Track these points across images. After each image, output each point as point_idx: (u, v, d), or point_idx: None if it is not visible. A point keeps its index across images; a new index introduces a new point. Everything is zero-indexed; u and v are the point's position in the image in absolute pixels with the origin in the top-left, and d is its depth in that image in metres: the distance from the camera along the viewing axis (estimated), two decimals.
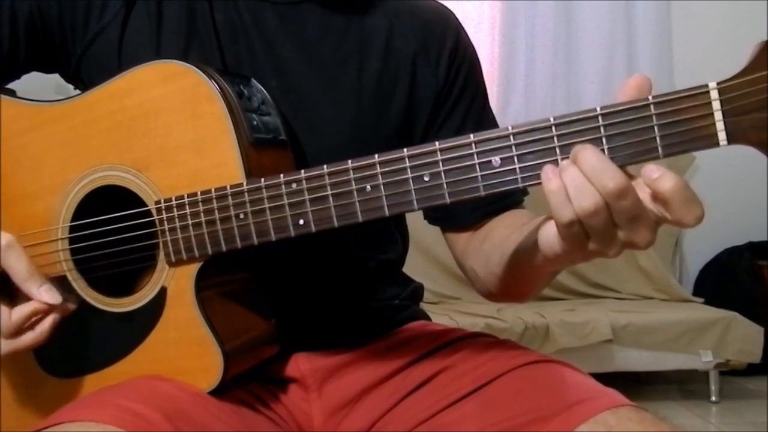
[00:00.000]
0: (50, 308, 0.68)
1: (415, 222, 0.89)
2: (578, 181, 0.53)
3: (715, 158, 3.14)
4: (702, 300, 2.88)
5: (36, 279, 0.68)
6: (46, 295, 0.67)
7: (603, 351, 2.53)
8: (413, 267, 0.95)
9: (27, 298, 0.68)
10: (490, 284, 0.78)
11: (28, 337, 0.68)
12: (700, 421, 2.44)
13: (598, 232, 0.54)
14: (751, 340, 2.54)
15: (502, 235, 0.76)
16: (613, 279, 3.00)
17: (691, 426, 2.35)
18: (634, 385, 2.72)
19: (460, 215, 0.83)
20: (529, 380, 0.70)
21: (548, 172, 0.55)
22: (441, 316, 2.48)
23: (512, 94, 3.17)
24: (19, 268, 0.67)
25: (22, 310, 0.67)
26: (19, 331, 0.67)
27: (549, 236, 0.58)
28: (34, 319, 0.68)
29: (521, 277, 0.72)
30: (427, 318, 0.91)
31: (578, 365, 0.73)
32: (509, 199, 0.82)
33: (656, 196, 0.53)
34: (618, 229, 0.54)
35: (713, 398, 2.61)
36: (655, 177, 0.52)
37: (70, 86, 0.84)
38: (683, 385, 2.85)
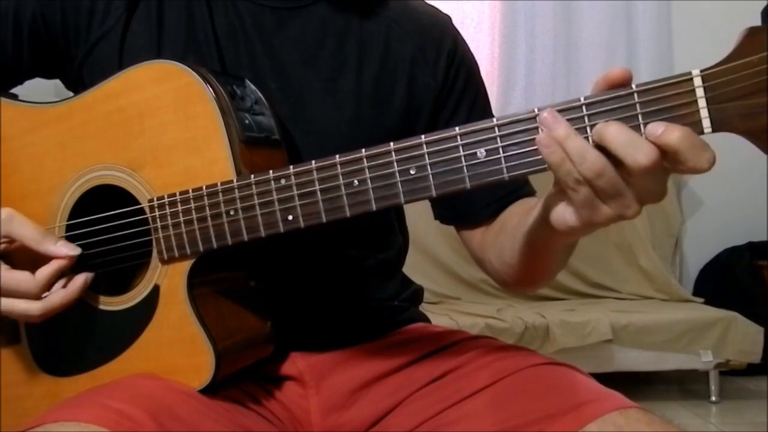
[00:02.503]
0: (70, 261, 0.69)
1: (415, 222, 0.90)
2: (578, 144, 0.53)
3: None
4: (702, 300, 2.88)
5: (49, 237, 0.70)
6: (64, 248, 0.69)
7: (603, 351, 2.52)
8: (413, 267, 0.95)
9: (31, 268, 0.69)
10: (504, 273, 0.78)
11: (60, 294, 0.69)
12: (700, 421, 2.43)
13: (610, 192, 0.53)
14: (751, 340, 2.54)
15: (513, 222, 0.76)
16: (613, 279, 2.99)
17: (691, 426, 2.35)
18: (634, 385, 2.71)
19: (474, 212, 0.84)
20: (537, 380, 0.71)
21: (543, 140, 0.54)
22: (441, 316, 2.48)
23: (512, 94, 3.17)
24: (28, 233, 0.69)
25: (44, 271, 0.68)
26: (45, 291, 0.69)
27: (558, 210, 0.57)
28: (59, 279, 0.69)
29: (534, 260, 0.72)
30: (427, 320, 0.91)
31: (578, 365, 0.73)
32: (521, 190, 0.82)
33: (665, 150, 0.52)
34: (629, 187, 0.53)
35: (713, 398, 2.61)
36: (660, 132, 0.52)
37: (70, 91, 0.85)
38: (683, 385, 2.84)
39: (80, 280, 0.70)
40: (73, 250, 0.69)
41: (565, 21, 3.19)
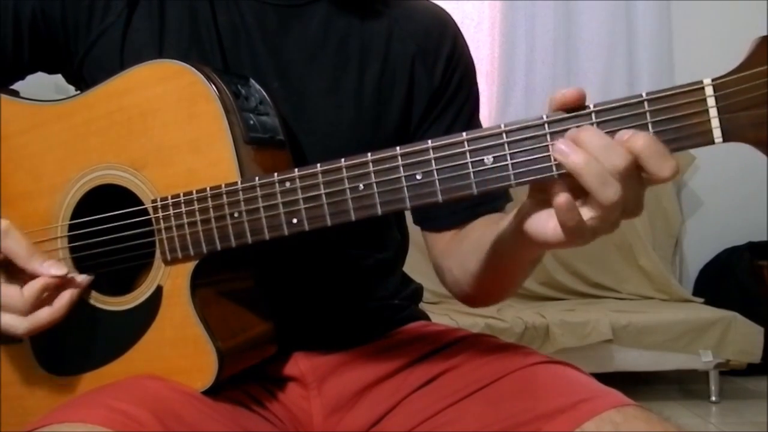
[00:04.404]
0: (60, 281, 0.69)
1: None
2: (602, 143, 0.53)
3: (715, 158, 3.15)
4: (702, 300, 2.88)
5: (38, 257, 0.69)
6: (51, 268, 0.69)
7: (603, 351, 2.53)
8: (413, 267, 0.95)
9: (34, 279, 0.69)
10: (465, 284, 0.78)
11: (45, 312, 0.69)
12: (700, 421, 2.44)
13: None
14: (751, 340, 2.54)
15: (478, 233, 0.76)
16: (613, 279, 3.00)
17: (691, 426, 2.35)
18: (634, 385, 2.71)
19: (443, 217, 0.84)
20: (533, 379, 0.71)
21: (564, 147, 0.53)
22: (441, 316, 2.48)
23: (512, 94, 3.17)
24: (19, 250, 0.69)
25: (33, 286, 0.68)
26: (34, 308, 0.68)
27: (536, 221, 0.58)
28: (47, 294, 0.69)
29: (500, 270, 0.72)
30: (427, 318, 0.91)
31: (578, 365, 0.73)
32: (491, 204, 0.82)
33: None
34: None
35: (713, 398, 2.61)
36: (626, 138, 0.52)
37: (71, 86, 0.84)
38: (683, 385, 2.85)
39: (66, 297, 0.69)
40: (60, 269, 0.69)
41: (565, 21, 3.19)
